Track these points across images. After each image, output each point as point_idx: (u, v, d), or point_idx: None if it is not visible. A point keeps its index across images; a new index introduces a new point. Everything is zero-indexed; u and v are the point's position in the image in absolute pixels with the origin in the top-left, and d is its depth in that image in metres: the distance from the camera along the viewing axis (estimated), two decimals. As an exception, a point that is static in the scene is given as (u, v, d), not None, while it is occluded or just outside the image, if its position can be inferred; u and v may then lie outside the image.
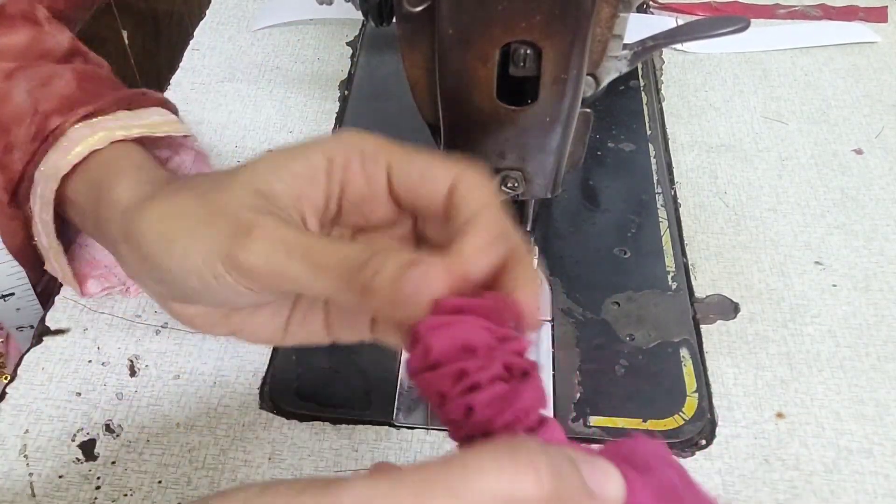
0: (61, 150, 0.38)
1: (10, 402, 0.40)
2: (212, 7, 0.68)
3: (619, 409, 0.40)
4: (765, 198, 0.51)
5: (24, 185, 0.39)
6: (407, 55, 0.35)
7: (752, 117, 0.57)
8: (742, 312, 0.44)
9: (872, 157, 0.54)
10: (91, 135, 0.38)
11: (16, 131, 0.39)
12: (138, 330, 0.44)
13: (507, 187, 0.37)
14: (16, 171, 0.39)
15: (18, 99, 0.39)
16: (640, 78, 0.60)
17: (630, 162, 0.53)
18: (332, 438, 0.39)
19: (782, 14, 0.67)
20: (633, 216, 0.49)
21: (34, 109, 0.39)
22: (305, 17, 0.65)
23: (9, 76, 0.40)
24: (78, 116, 0.39)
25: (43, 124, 0.38)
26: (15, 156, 0.39)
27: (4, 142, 0.39)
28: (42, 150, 0.38)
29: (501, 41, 0.31)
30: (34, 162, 0.38)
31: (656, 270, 0.46)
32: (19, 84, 0.40)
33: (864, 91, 0.59)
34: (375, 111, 0.57)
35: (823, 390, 0.41)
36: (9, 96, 0.39)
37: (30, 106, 0.39)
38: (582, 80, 0.33)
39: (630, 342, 0.43)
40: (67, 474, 0.38)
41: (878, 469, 0.38)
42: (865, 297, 0.45)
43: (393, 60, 0.62)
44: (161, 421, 0.40)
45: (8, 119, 0.39)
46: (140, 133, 0.39)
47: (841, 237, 0.48)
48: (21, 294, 0.48)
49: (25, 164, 0.39)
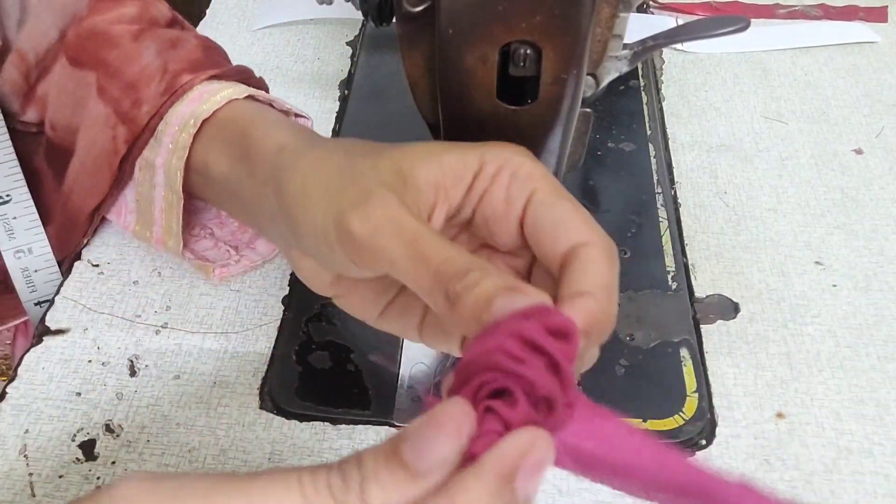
0: (191, 100, 0.39)
1: (10, 402, 0.40)
2: (212, 7, 0.68)
3: (619, 409, 0.39)
4: (765, 198, 0.51)
5: (143, 137, 0.40)
6: (407, 55, 0.35)
7: (752, 117, 0.57)
8: (742, 312, 0.44)
9: (872, 157, 0.54)
10: (225, 88, 0.39)
11: (145, 89, 0.40)
12: (138, 330, 0.44)
13: (507, 187, 0.37)
14: (140, 124, 0.40)
15: (147, 59, 0.41)
16: (640, 78, 0.60)
17: (630, 162, 0.53)
18: (332, 438, 0.39)
19: (782, 14, 0.67)
20: (633, 216, 0.49)
21: (164, 69, 0.40)
22: (305, 17, 0.65)
23: (136, 37, 0.42)
24: (206, 76, 0.41)
25: (173, 81, 0.40)
26: (143, 109, 0.40)
27: (133, 97, 0.40)
28: (169, 103, 0.40)
29: (501, 41, 0.31)
30: (160, 114, 0.40)
31: (656, 270, 0.46)
32: (148, 45, 0.42)
33: (864, 91, 0.59)
34: (375, 111, 0.57)
35: (823, 390, 0.41)
36: (138, 56, 0.41)
37: (160, 65, 0.41)
38: (582, 80, 0.33)
39: (630, 342, 0.43)
40: (67, 474, 0.38)
41: (878, 469, 0.38)
42: (865, 297, 0.45)
43: (393, 60, 0.62)
44: (161, 421, 0.40)
45: (137, 77, 0.40)
46: (269, 100, 0.41)
47: (841, 237, 0.48)
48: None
49: (150, 118, 0.40)
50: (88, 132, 0.42)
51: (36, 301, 0.49)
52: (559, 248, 0.27)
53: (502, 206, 0.28)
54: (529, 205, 0.28)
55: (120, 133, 0.41)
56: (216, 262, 0.45)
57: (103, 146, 0.42)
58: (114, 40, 0.42)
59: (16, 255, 0.47)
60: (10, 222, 0.46)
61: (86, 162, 0.43)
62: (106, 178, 0.43)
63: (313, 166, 0.31)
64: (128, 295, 0.45)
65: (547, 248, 0.27)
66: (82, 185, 0.44)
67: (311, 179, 0.30)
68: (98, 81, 0.41)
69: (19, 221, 0.46)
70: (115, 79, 0.41)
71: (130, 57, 0.41)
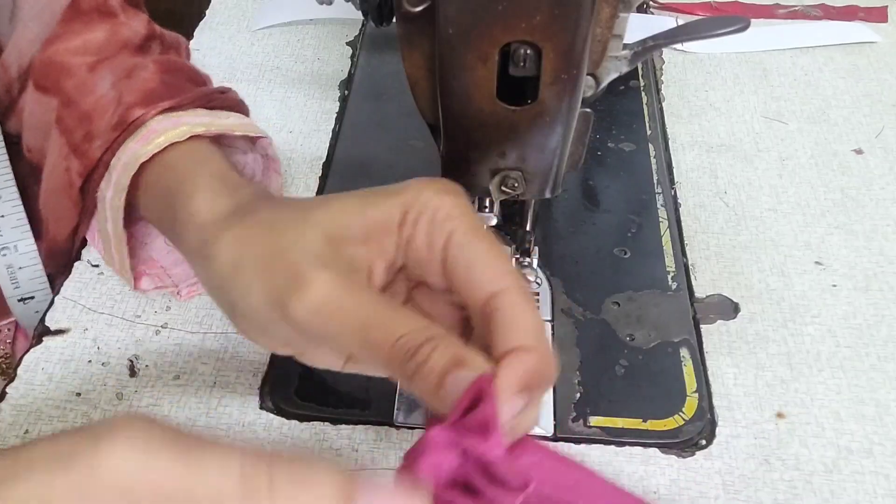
0: (141, 139, 0.38)
1: (10, 402, 0.40)
2: (212, 7, 0.68)
3: (619, 409, 0.40)
4: (765, 198, 0.51)
5: (98, 171, 0.40)
6: (407, 55, 0.35)
7: (752, 117, 0.57)
8: (742, 312, 0.44)
9: (872, 157, 0.54)
10: (173, 128, 0.38)
11: (98, 121, 0.40)
12: (138, 330, 0.44)
13: (507, 187, 0.37)
14: (94, 158, 0.40)
15: (102, 90, 0.40)
16: (640, 78, 0.60)
17: (630, 162, 0.53)
18: (332, 438, 0.39)
19: (782, 14, 0.67)
20: (633, 216, 0.49)
21: (118, 101, 0.40)
22: (305, 17, 0.65)
23: (92, 68, 0.41)
24: (159, 109, 0.39)
25: (125, 115, 0.39)
26: (95, 144, 0.39)
27: (86, 130, 0.40)
28: (121, 139, 0.39)
29: (501, 41, 0.31)
30: (112, 150, 0.39)
31: (656, 270, 0.46)
32: (104, 76, 0.41)
33: (864, 91, 0.59)
34: (375, 111, 0.57)
35: (823, 390, 0.41)
36: (93, 87, 0.40)
37: (113, 97, 0.40)
38: (582, 80, 0.33)
39: (630, 342, 0.43)
40: (67, 474, 0.38)
41: (878, 469, 0.38)
42: (865, 297, 0.45)
43: (393, 60, 0.62)
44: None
45: (91, 109, 0.40)
46: (218, 131, 0.40)
47: (841, 237, 0.48)
48: (41, 298, 0.49)
49: (103, 152, 0.39)
50: (50, 160, 0.42)
51: (19, 297, 0.49)
52: (477, 295, 0.28)
53: (425, 251, 0.29)
54: (448, 248, 0.28)
55: (73, 166, 0.40)
56: (183, 281, 0.44)
57: (60, 177, 0.41)
58: (71, 70, 0.41)
59: (1, 253, 0.47)
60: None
61: (48, 190, 0.43)
62: (68, 208, 0.42)
63: (241, 243, 0.30)
64: (128, 295, 0.45)
65: (465, 295, 0.28)
66: (52, 212, 0.43)
67: (240, 259, 0.30)
68: (57, 110, 0.41)
69: (7, 220, 0.46)
70: (71, 109, 0.40)
71: (86, 88, 0.40)
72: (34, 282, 0.48)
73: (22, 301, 0.49)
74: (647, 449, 0.38)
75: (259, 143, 0.45)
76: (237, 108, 0.44)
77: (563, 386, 0.41)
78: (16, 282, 0.48)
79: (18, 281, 0.48)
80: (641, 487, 0.37)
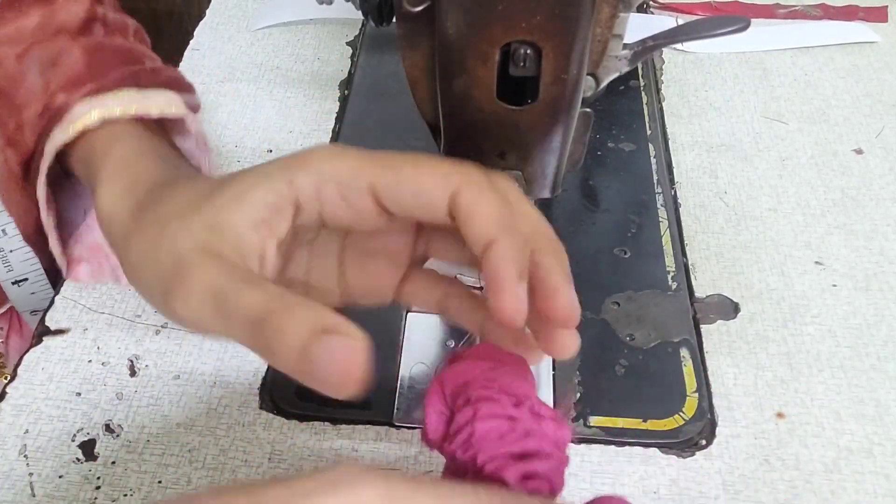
0: (64, 126, 0.38)
1: (10, 402, 0.40)
2: (212, 7, 0.68)
3: (619, 409, 0.40)
4: (765, 198, 0.51)
5: (35, 159, 0.40)
6: (407, 55, 0.35)
7: (752, 117, 0.57)
8: (742, 312, 0.44)
9: (872, 157, 0.54)
10: (87, 112, 0.38)
11: (26, 111, 0.39)
12: (138, 330, 0.44)
13: (507, 187, 0.37)
14: (28, 147, 0.40)
15: (31, 80, 0.40)
16: (640, 78, 0.60)
17: (630, 162, 0.53)
18: (332, 438, 0.39)
19: (782, 14, 0.67)
20: (633, 216, 0.49)
21: (45, 88, 0.40)
22: (305, 17, 0.65)
23: (20, 58, 0.40)
24: (82, 94, 0.39)
25: (49, 102, 0.39)
26: (26, 133, 0.39)
27: (17, 120, 0.40)
28: (49, 126, 0.39)
29: (501, 41, 0.31)
30: (42, 138, 0.39)
31: (656, 270, 0.46)
32: (31, 65, 0.40)
33: (864, 91, 0.59)
34: (375, 111, 0.57)
35: (823, 390, 0.41)
36: (22, 77, 0.40)
37: (41, 86, 0.40)
38: (582, 80, 0.33)
39: (630, 342, 0.43)
40: (67, 474, 0.38)
41: (878, 469, 0.38)
42: (865, 297, 0.45)
43: (393, 60, 0.62)
44: (161, 421, 0.40)
45: (21, 99, 0.40)
46: (137, 113, 0.39)
47: (841, 237, 0.48)
48: (35, 279, 0.48)
49: (36, 141, 0.40)
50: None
51: (13, 280, 0.49)
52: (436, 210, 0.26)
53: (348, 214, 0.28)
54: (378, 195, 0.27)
55: (10, 156, 0.40)
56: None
57: (1, 169, 0.41)
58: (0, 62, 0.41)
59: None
60: None
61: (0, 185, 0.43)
62: (19, 198, 0.42)
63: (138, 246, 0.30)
64: (128, 295, 0.45)
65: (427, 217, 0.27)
66: (12, 208, 0.43)
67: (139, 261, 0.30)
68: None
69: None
70: (3, 100, 0.40)
71: (14, 78, 0.40)
72: (25, 264, 0.48)
73: (16, 284, 0.49)
74: (647, 449, 0.38)
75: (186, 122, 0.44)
76: (174, 86, 0.43)
77: (563, 386, 0.41)
78: (8, 265, 0.48)
79: (11, 264, 0.48)
80: (641, 487, 0.37)
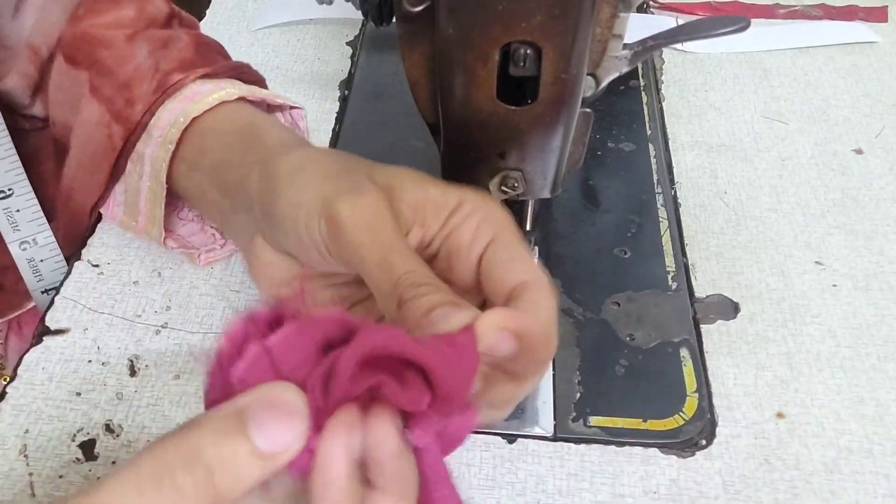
0: (183, 98, 0.41)
1: (10, 402, 0.40)
2: (212, 7, 0.68)
3: (619, 409, 0.40)
4: (765, 198, 0.51)
5: (135, 133, 0.42)
6: (407, 55, 0.35)
7: (752, 117, 0.57)
8: (742, 312, 0.44)
9: (872, 157, 0.54)
10: (219, 89, 0.41)
11: (138, 88, 0.41)
12: (138, 330, 0.44)
13: (507, 187, 0.37)
14: (134, 122, 0.41)
15: (140, 59, 0.42)
16: (640, 78, 0.60)
17: (630, 162, 0.53)
18: (332, 438, 0.39)
19: (782, 14, 0.67)
20: (633, 216, 0.49)
21: (155, 68, 0.42)
22: (305, 17, 0.65)
23: (129, 39, 0.43)
24: (197, 75, 0.42)
25: (164, 79, 0.41)
26: (136, 108, 0.41)
27: (126, 96, 0.42)
28: (160, 101, 0.41)
29: (501, 41, 0.31)
30: (150, 112, 0.41)
31: (656, 270, 0.46)
32: (141, 46, 0.43)
33: (864, 91, 0.59)
34: (375, 111, 0.57)
35: (823, 390, 0.41)
36: (132, 56, 0.42)
37: (151, 65, 0.42)
38: (582, 80, 0.33)
39: (630, 342, 0.43)
40: (67, 474, 0.38)
41: (878, 469, 0.38)
42: (865, 297, 0.45)
43: (393, 60, 0.62)
44: (161, 421, 0.40)
45: (130, 77, 0.42)
46: (262, 97, 0.43)
47: (841, 237, 0.48)
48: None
49: (142, 115, 0.41)
50: (81, 130, 0.43)
51: (43, 289, 0.50)
52: (508, 282, 0.29)
53: (468, 243, 0.30)
54: (491, 244, 0.30)
55: (115, 131, 0.42)
56: (202, 247, 0.46)
57: (99, 144, 0.42)
58: (107, 41, 0.43)
59: (21, 247, 0.48)
60: (13, 215, 0.47)
61: (82, 161, 0.44)
62: (104, 176, 0.43)
63: (310, 155, 0.33)
64: (128, 295, 0.45)
65: (497, 282, 0.29)
66: (81, 184, 0.44)
67: (306, 163, 0.32)
68: (90, 81, 0.42)
69: (22, 214, 0.47)
70: (108, 78, 0.42)
71: (123, 57, 0.42)
72: (56, 273, 0.50)
73: (45, 293, 0.50)
74: (647, 449, 0.38)
75: (293, 114, 0.47)
76: (262, 84, 0.47)
77: (563, 386, 0.41)
78: (38, 274, 0.49)
79: (41, 273, 0.49)
80: (641, 487, 0.37)
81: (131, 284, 0.46)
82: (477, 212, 0.30)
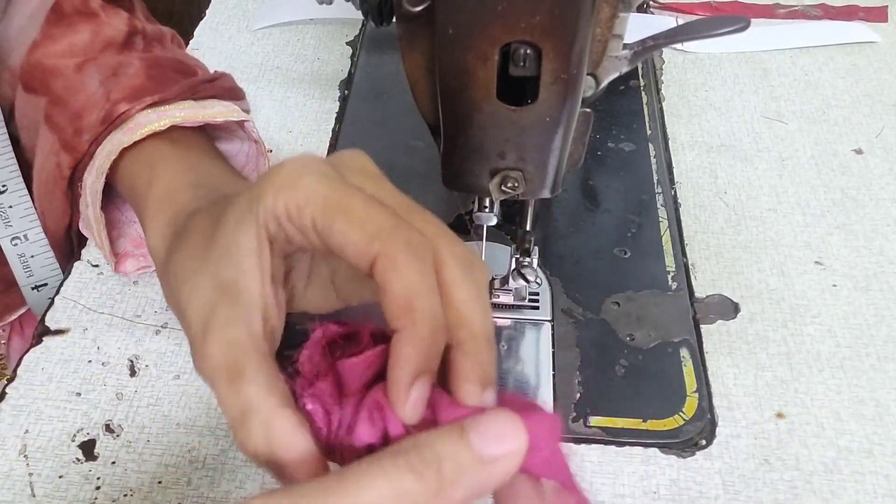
0: (127, 130, 0.41)
1: (10, 402, 0.40)
2: (212, 7, 0.68)
3: (619, 409, 0.40)
4: (765, 198, 0.51)
5: (83, 162, 0.42)
6: (407, 55, 0.35)
7: (752, 117, 0.57)
8: (742, 312, 0.44)
9: (872, 157, 0.54)
10: (157, 120, 0.41)
11: (87, 118, 0.41)
12: (138, 330, 0.44)
13: (507, 187, 0.37)
14: (82, 152, 0.42)
15: (91, 89, 0.42)
16: (640, 78, 0.60)
17: (630, 162, 0.53)
18: (332, 438, 0.39)
19: (782, 14, 0.67)
20: (633, 216, 0.49)
21: (106, 97, 0.42)
22: (305, 17, 0.65)
23: (79, 68, 0.43)
24: (145, 104, 0.41)
25: (112, 110, 0.41)
26: (83, 138, 0.41)
27: (76, 126, 0.42)
28: (107, 131, 0.41)
29: (501, 41, 0.31)
30: (98, 142, 0.41)
31: (656, 270, 0.46)
32: (91, 76, 0.43)
33: (864, 91, 0.59)
34: (375, 111, 0.57)
35: (823, 390, 0.41)
36: (82, 86, 0.42)
37: (102, 94, 0.42)
38: (582, 80, 0.33)
39: (630, 342, 0.43)
40: (67, 474, 0.38)
41: (878, 469, 0.38)
42: (865, 297, 0.45)
43: (393, 60, 0.62)
44: (161, 421, 0.40)
45: (82, 106, 0.42)
46: (202, 120, 0.42)
47: (841, 237, 0.48)
48: (53, 284, 0.50)
49: (90, 145, 0.41)
50: (39, 157, 0.43)
51: (33, 285, 0.50)
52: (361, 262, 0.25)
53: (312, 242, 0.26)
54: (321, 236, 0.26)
55: (63, 160, 0.42)
56: None
57: (50, 173, 0.43)
58: (58, 71, 0.43)
59: (12, 243, 0.48)
60: (6, 211, 0.47)
61: (39, 188, 0.44)
62: (61, 201, 0.44)
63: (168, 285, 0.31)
64: (128, 295, 0.45)
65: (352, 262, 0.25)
66: (46, 207, 0.45)
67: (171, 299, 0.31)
68: (45, 109, 0.43)
69: (15, 210, 0.47)
70: (61, 107, 0.42)
71: (74, 87, 0.42)
72: (46, 269, 0.50)
73: (35, 289, 0.50)
74: (647, 449, 0.38)
75: (246, 127, 0.45)
76: (227, 95, 0.46)
77: (563, 386, 0.41)
78: (29, 270, 0.49)
79: (31, 269, 0.49)
80: (641, 487, 0.37)
81: (131, 284, 0.46)
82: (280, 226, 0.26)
